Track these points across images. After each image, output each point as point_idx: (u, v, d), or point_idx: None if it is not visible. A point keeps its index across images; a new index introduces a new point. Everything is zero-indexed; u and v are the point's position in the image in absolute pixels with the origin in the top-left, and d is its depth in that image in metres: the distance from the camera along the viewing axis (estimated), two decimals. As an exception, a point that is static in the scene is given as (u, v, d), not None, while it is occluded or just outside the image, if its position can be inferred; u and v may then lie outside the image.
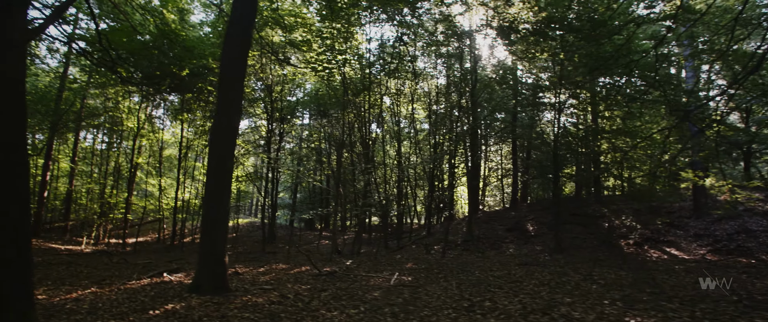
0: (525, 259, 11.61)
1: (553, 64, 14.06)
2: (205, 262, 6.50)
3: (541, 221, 15.80)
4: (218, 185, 6.54)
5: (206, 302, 5.73)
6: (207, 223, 6.56)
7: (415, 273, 8.74)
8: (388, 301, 5.73)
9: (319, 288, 6.86)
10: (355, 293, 6.25)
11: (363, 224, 16.61)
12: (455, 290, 6.54)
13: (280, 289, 6.85)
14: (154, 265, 11.57)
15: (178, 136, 22.96)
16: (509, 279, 7.62)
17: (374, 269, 9.83)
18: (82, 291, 7.66)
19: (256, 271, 9.70)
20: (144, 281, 8.65)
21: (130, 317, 5.16)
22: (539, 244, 13.67)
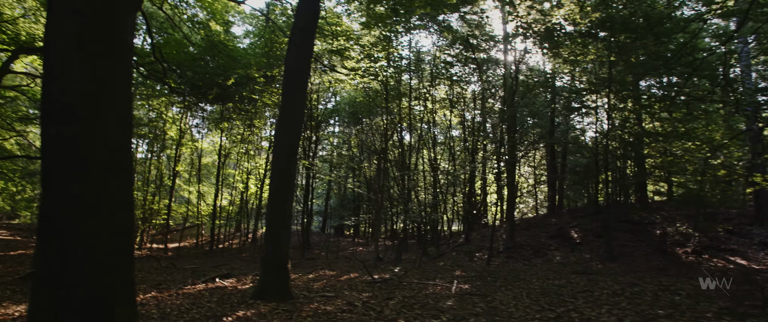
0: (576, 267, 11.23)
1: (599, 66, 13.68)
2: (268, 268, 6.51)
3: (585, 228, 15.31)
4: (281, 192, 6.56)
5: (275, 310, 5.71)
6: (270, 229, 6.59)
7: (471, 281, 8.55)
8: (467, 310, 5.56)
9: (384, 296, 6.77)
10: (424, 302, 6.12)
11: (406, 231, 16.46)
12: (526, 299, 6.33)
13: (341, 296, 6.79)
14: (202, 270, 11.75)
15: (215, 144, 23.47)
16: (575, 288, 7.34)
17: (425, 276, 9.69)
18: (143, 296, 7.80)
19: (306, 277, 9.70)
20: (199, 286, 8.75)
21: (205, 324, 5.19)
22: (587, 251, 13.23)
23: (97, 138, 2.91)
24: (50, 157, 2.84)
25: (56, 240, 2.76)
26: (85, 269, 2.82)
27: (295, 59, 6.51)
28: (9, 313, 6.60)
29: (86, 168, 2.86)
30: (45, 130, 2.89)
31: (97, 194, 2.89)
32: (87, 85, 2.87)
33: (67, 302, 2.75)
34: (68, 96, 2.84)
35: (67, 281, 2.76)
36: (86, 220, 2.83)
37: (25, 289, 8.25)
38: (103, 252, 2.91)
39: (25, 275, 8.97)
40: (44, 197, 2.83)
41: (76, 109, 2.85)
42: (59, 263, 2.75)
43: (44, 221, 2.80)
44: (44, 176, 2.85)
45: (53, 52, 2.88)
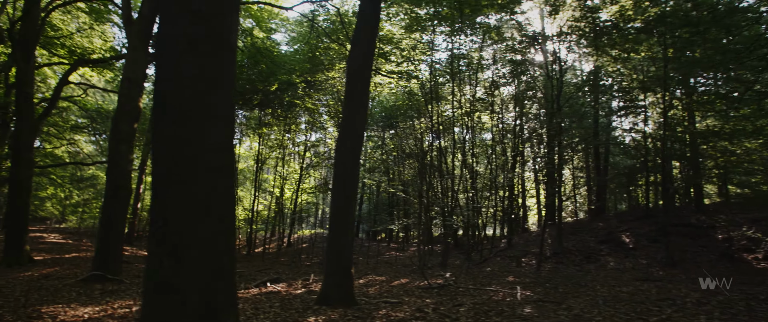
0: (636, 273, 10.70)
1: (651, 62, 13.11)
2: (332, 273, 6.41)
3: (636, 232, 14.63)
4: (344, 197, 6.46)
5: (346, 316, 5.59)
6: (334, 235, 6.49)
7: (530, 287, 8.23)
8: (551, 319, 5.28)
9: (450, 302, 6.55)
10: (499, 309, 5.88)
11: (448, 236, 16.18)
12: (604, 306, 5.99)
13: (405, 302, 6.62)
14: (249, 274, 11.80)
15: (252, 150, 23.83)
16: (648, 296, 6.92)
17: (479, 282, 9.41)
18: (203, 300, 7.84)
19: (358, 282, 9.56)
20: (252, 290, 8.76)
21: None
22: (642, 257, 12.60)
23: (208, 138, 2.85)
24: (162, 158, 2.79)
25: (171, 243, 2.70)
26: (199, 274, 2.75)
27: (359, 61, 6.42)
28: (79, 315, 6.74)
29: (198, 169, 2.80)
30: (157, 131, 2.85)
31: (208, 195, 2.83)
32: (198, 86, 2.82)
33: (183, 307, 2.68)
34: (180, 97, 2.79)
35: (182, 285, 2.70)
36: (201, 222, 2.77)
37: (87, 290, 8.45)
38: (215, 256, 2.84)
39: (85, 277, 9.20)
40: (156, 199, 2.78)
41: (187, 110, 2.79)
42: (174, 266, 2.69)
43: (157, 224, 2.74)
44: (157, 177, 2.80)
45: (165, 52, 2.84)
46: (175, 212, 2.72)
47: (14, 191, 11.92)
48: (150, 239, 2.79)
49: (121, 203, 9.48)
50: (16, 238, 11.70)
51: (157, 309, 2.69)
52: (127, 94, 9.32)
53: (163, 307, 2.68)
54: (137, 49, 9.42)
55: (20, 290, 8.52)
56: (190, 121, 2.79)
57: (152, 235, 2.75)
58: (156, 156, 2.82)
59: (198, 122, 2.81)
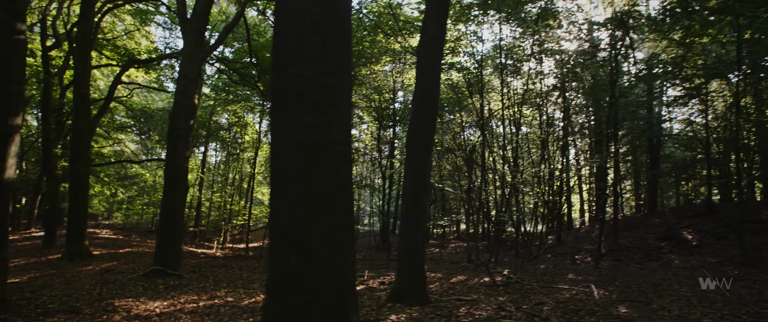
0: (708, 272, 10.01)
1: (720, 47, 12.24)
2: (405, 270, 6.19)
3: (699, 229, 13.78)
4: (416, 193, 6.21)
5: (428, 314, 5.36)
6: (406, 231, 6.26)
7: (602, 286, 7.78)
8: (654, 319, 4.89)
9: (527, 300, 6.23)
10: (589, 308, 5.51)
11: (500, 232, 15.75)
12: (700, 307, 5.52)
13: (480, 300, 6.33)
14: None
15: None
16: (738, 296, 6.37)
17: (541, 279, 9.00)
18: (263, 296, 7.79)
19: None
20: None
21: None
22: (710, 255, 11.82)
23: (333, 124, 2.65)
24: (285, 147, 2.60)
25: (297, 237, 2.51)
26: (328, 269, 2.56)
27: (430, 50, 6.15)
28: (150, 309, 6.79)
29: (323, 158, 2.60)
30: (278, 119, 2.66)
31: (333, 185, 2.63)
32: (324, 68, 2.61)
33: (312, 305, 2.49)
34: (305, 80, 2.59)
35: (311, 281, 2.51)
36: (328, 214, 2.57)
37: (151, 285, 8.56)
38: (342, 250, 2.64)
39: (147, 272, 9.34)
40: (278, 191, 2.59)
41: (313, 94, 2.59)
42: (302, 261, 2.50)
43: (281, 217, 2.56)
44: (278, 167, 2.61)
45: (286, 34, 2.64)
46: (301, 204, 2.53)
47: (74, 187, 12.29)
48: (272, 234, 2.60)
49: (178, 199, 9.57)
50: (76, 233, 12.07)
51: (284, 307, 2.50)
52: (184, 90, 9.37)
53: (291, 305, 2.49)
54: (192, 46, 9.46)
55: (89, 283, 8.73)
56: (316, 107, 2.59)
57: (276, 229, 2.56)
58: (277, 146, 2.64)
59: (323, 107, 2.61)
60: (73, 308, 6.57)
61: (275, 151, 2.64)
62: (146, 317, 6.28)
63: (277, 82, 2.65)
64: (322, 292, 2.52)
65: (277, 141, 2.63)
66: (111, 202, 26.94)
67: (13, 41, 6.50)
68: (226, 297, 7.63)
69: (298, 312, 2.49)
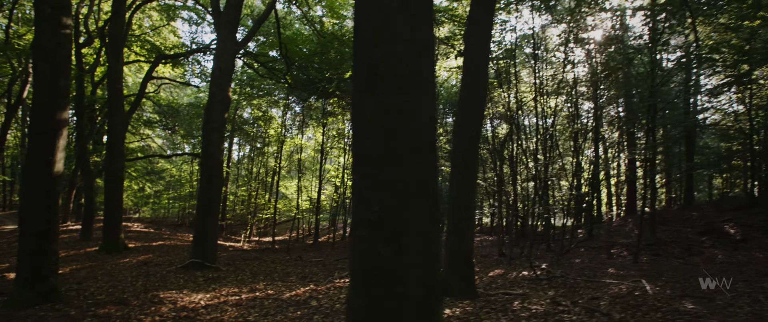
0: (758, 267, 9.60)
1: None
2: (454, 263, 6.05)
3: (742, 222, 13.22)
4: (465, 185, 6.04)
5: (483, 308, 5.21)
6: (455, 224, 6.11)
7: (650, 281, 7.49)
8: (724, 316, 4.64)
9: (578, 295, 6.02)
10: (651, 304, 5.28)
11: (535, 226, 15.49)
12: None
13: (530, 294, 6.16)
14: (330, 263, 11.76)
15: (312, 140, 24.01)
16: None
17: (583, 273, 8.75)
18: (303, 289, 7.77)
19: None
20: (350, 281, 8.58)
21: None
22: (757, 250, 11.33)
23: (422, 108, 2.51)
24: (373, 134, 2.46)
25: (389, 228, 2.39)
26: (421, 262, 2.43)
27: (477, 39, 5.94)
28: (195, 300, 6.82)
29: (413, 144, 2.46)
30: (363, 104, 2.53)
31: (423, 173, 2.50)
32: (412, 50, 2.47)
33: (405, 299, 2.37)
34: (392, 62, 2.45)
35: (404, 274, 2.39)
36: (419, 204, 2.45)
37: (191, 277, 8.64)
38: (432, 242, 2.51)
39: (185, 265, 9.44)
40: (366, 180, 2.46)
41: (401, 77, 2.45)
42: (395, 253, 2.38)
43: (370, 206, 2.43)
44: (365, 156, 2.48)
45: (373, 14, 2.50)
46: (392, 193, 2.40)
47: (109, 182, 12.51)
48: (360, 225, 2.48)
49: (214, 192, 9.61)
50: (112, 226, 12.30)
51: (373, 301, 2.39)
52: (218, 83, 9.37)
53: (381, 299, 2.38)
54: (226, 38, 9.44)
55: (130, 275, 8.86)
56: (405, 90, 2.45)
57: (363, 219, 2.44)
58: (362, 131, 2.51)
59: (412, 91, 2.47)
60: (121, 300, 6.65)
61: (361, 137, 2.51)
62: (192, 309, 6.30)
63: (360, 65, 2.52)
64: (413, 285, 2.40)
65: (363, 126, 2.50)
66: (139, 196, 27.50)
67: (59, 36, 6.54)
68: (267, 290, 7.63)
69: (388, 306, 2.37)
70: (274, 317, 5.68)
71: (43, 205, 6.35)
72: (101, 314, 5.95)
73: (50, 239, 6.43)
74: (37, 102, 6.46)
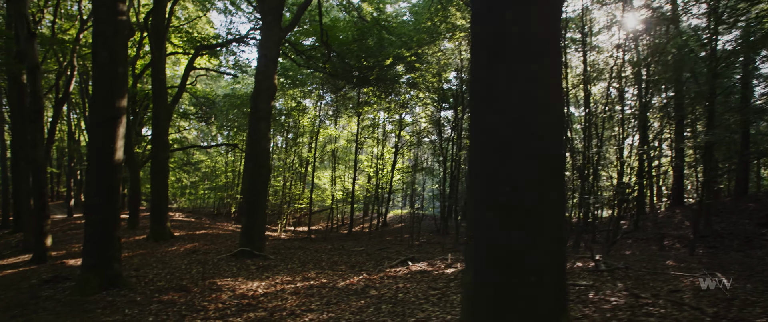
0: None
1: None
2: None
3: (809, 213, 12.38)
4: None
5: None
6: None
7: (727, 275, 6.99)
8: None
9: (658, 288, 5.67)
10: (743, 298, 4.90)
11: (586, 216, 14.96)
12: None
13: (599, 285, 5.84)
14: (371, 252, 11.66)
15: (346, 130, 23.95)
16: None
17: (643, 266, 8.31)
18: (356, 278, 7.66)
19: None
20: (398, 269, 8.44)
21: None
22: (829, 242, 10.58)
23: (556, 77, 2.27)
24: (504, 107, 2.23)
25: (523, 214, 2.16)
26: (554, 247, 2.21)
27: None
28: (252, 288, 6.82)
29: (547, 118, 2.22)
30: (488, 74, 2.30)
31: (558, 148, 2.27)
32: (543, 11, 2.22)
33: (538, 289, 2.15)
34: (525, 26, 2.21)
35: (538, 262, 2.17)
36: (552, 188, 2.22)
37: (242, 265, 8.68)
38: (562, 229, 2.28)
39: (235, 253, 9.51)
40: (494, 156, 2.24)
41: (533, 44, 2.21)
42: (528, 240, 2.16)
43: (499, 187, 2.21)
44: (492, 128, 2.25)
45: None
46: (526, 172, 2.17)
47: (155, 172, 12.76)
48: (484, 208, 2.27)
49: (262, 181, 9.61)
50: (159, 215, 12.56)
51: (502, 290, 2.19)
52: (264, 71, 9.30)
53: (512, 288, 2.17)
54: (271, 25, 9.34)
55: (182, 262, 9.00)
56: (538, 57, 2.21)
57: (492, 202, 2.23)
58: (488, 107, 2.28)
59: (546, 57, 2.22)
60: (182, 287, 6.71)
61: (485, 111, 2.28)
62: (252, 296, 6.29)
63: (484, 30, 2.28)
64: (546, 273, 2.18)
65: (488, 99, 2.27)
66: (176, 187, 28.23)
67: (116, 23, 6.55)
68: (320, 278, 7.56)
69: (519, 296, 2.16)
70: (337, 306, 5.57)
71: (106, 193, 6.43)
72: (165, 300, 6.01)
73: (113, 226, 6.52)
74: (98, 90, 6.52)
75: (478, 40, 2.34)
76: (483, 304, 2.26)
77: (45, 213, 9.64)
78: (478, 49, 2.34)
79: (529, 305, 2.16)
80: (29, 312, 5.41)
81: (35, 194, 9.68)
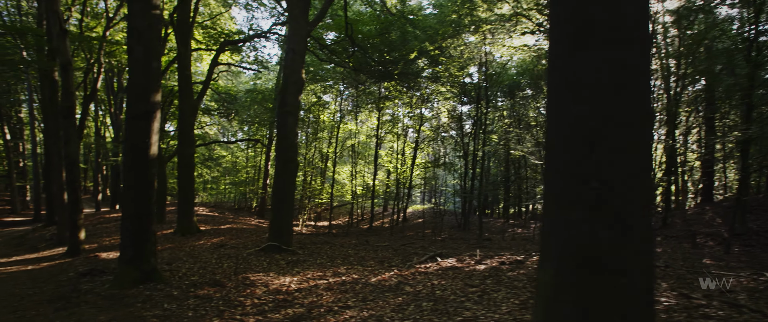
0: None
1: None
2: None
3: None
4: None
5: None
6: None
7: None
8: None
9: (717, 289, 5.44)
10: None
11: None
12: None
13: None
14: (396, 247, 11.58)
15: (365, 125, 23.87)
16: None
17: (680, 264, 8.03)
18: (388, 274, 7.58)
19: (533, 259, 8.70)
20: (428, 265, 8.33)
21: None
22: None
23: (647, 65, 2.11)
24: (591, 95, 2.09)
25: (612, 211, 2.02)
26: (644, 247, 2.06)
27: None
28: (285, 283, 6.80)
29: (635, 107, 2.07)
30: (567, 62, 2.15)
31: (648, 138, 2.12)
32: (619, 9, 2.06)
33: (627, 291, 2.01)
34: (610, 10, 2.06)
35: (628, 263, 2.04)
36: (642, 178, 2.06)
37: (272, 260, 8.69)
38: (651, 226, 2.13)
39: (263, 247, 9.54)
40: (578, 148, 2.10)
41: (621, 27, 2.05)
42: (618, 239, 2.02)
43: (586, 181, 2.07)
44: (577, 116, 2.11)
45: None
46: (616, 167, 2.02)
47: (182, 167, 12.90)
48: (566, 203, 2.13)
49: (290, 176, 9.59)
50: (186, 210, 12.71)
51: (592, 295, 2.05)
52: (292, 65, 9.25)
53: (603, 292, 2.04)
54: (298, 19, 9.28)
55: (211, 257, 9.06)
56: (629, 43, 2.06)
57: (577, 198, 2.08)
58: (572, 97, 2.14)
59: (637, 43, 2.06)
60: (216, 281, 6.74)
61: (568, 102, 2.14)
62: (286, 291, 6.26)
63: (567, 14, 2.14)
64: (637, 275, 2.04)
65: (572, 88, 2.12)
66: (198, 182, 28.62)
67: (150, 17, 6.56)
68: (351, 274, 7.52)
69: (609, 300, 2.03)
70: (375, 302, 5.50)
71: (142, 188, 6.48)
72: (202, 294, 6.03)
73: (149, 220, 6.57)
74: (133, 85, 6.55)
75: (559, 26, 2.19)
76: (564, 306, 2.13)
77: (78, 207, 9.83)
78: (558, 36, 2.19)
79: (619, 312, 2.02)
80: (72, 306, 5.48)
81: (69, 188, 9.86)
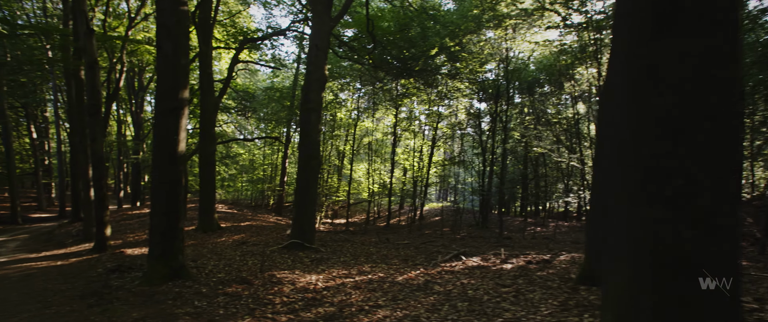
0: None
1: None
2: (599, 253, 5.41)
3: None
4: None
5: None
6: (596, 210, 5.45)
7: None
8: None
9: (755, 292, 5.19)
10: None
11: None
12: None
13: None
14: (417, 245, 11.47)
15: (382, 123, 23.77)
16: None
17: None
18: (414, 272, 7.47)
19: (559, 259, 8.49)
20: (454, 264, 8.19)
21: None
22: None
23: (737, 53, 1.94)
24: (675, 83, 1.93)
25: (697, 208, 1.88)
26: (730, 248, 1.91)
27: None
28: (312, 281, 6.74)
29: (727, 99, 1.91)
30: (644, 50, 1.99)
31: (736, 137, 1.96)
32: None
33: (713, 298, 1.85)
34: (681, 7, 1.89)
35: (709, 263, 1.88)
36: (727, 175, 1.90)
37: (296, 258, 8.66)
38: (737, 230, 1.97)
39: (286, 245, 9.52)
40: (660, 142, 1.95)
41: (708, 10, 1.89)
42: (702, 239, 1.87)
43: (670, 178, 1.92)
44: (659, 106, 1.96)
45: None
46: (702, 162, 1.87)
47: (203, 164, 12.97)
48: (648, 202, 1.99)
49: (312, 173, 9.54)
50: (207, 207, 12.77)
51: (677, 301, 1.93)
52: (315, 61, 9.19)
53: (688, 297, 1.90)
54: (321, 15, 9.20)
55: (235, 254, 9.07)
56: (717, 28, 1.90)
57: (658, 196, 1.94)
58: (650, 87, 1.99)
59: (726, 28, 1.90)
60: (243, 279, 6.72)
61: (646, 93, 1.99)
62: (313, 290, 6.20)
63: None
64: (722, 279, 1.88)
65: (651, 78, 1.97)
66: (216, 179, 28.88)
67: (179, 13, 6.54)
68: (376, 273, 7.42)
69: (691, 306, 1.87)
70: (406, 302, 5.39)
71: (171, 185, 6.48)
72: (230, 292, 6.01)
73: (177, 217, 6.58)
74: (162, 81, 6.55)
75: (635, 10, 2.04)
76: (643, 312, 1.99)
77: (105, 204, 9.95)
78: (634, 22, 2.04)
79: (702, 318, 1.87)
80: (105, 302, 5.50)
81: (96, 185, 9.99)
